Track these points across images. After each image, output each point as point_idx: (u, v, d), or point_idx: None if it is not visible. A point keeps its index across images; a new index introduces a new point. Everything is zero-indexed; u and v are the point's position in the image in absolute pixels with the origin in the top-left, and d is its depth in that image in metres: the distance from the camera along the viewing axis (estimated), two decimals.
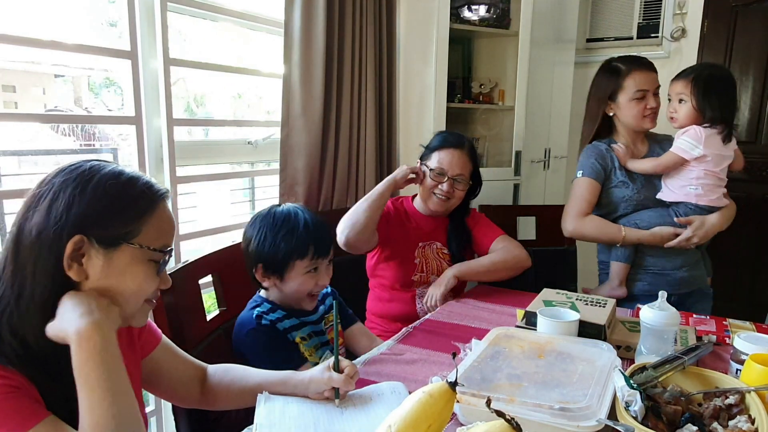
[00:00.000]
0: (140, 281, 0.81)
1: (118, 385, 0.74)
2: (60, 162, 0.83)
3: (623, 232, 1.74)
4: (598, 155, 1.80)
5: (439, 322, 1.48)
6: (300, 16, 1.90)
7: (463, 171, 1.75)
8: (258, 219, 1.33)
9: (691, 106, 1.69)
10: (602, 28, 3.18)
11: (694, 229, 1.70)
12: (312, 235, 1.30)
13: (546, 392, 0.92)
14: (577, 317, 1.21)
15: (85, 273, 0.77)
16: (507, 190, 2.64)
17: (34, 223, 0.75)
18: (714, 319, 1.45)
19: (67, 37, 1.46)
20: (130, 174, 0.82)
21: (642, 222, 1.76)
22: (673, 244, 1.71)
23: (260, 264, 1.29)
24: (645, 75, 1.75)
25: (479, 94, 2.69)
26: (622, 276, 1.80)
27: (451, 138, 1.80)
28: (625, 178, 1.78)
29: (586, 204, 1.79)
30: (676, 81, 1.74)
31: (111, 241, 0.78)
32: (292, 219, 1.30)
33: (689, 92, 1.69)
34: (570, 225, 1.82)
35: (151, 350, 1.00)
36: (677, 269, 1.79)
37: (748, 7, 2.83)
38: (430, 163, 1.76)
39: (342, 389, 0.99)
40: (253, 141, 2.08)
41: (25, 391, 0.71)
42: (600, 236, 1.80)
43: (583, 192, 1.80)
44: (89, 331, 0.73)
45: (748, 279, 3.01)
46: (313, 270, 1.31)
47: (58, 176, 0.77)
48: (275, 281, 1.30)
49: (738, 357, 1.05)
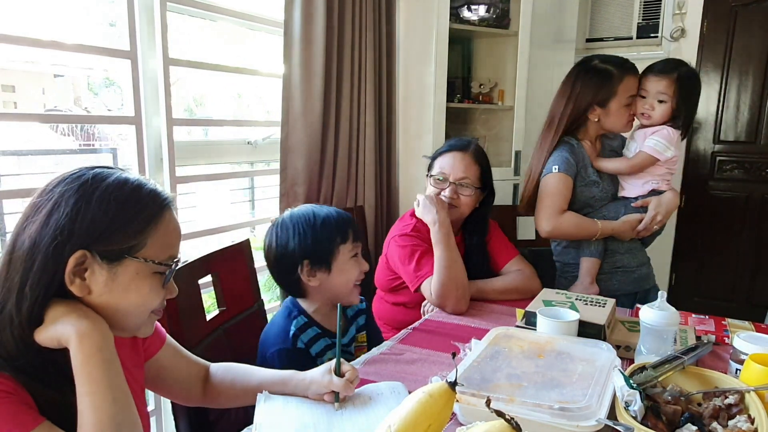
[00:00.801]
0: (145, 295, 0.80)
1: (118, 385, 0.74)
2: (60, 162, 0.82)
3: (599, 224, 1.73)
4: (571, 151, 1.75)
5: (439, 322, 1.48)
6: (300, 16, 1.90)
7: (467, 174, 1.65)
8: (284, 222, 1.31)
9: (670, 108, 1.67)
10: (602, 28, 3.18)
11: (655, 207, 1.71)
12: (345, 220, 1.31)
13: (545, 392, 0.92)
14: (576, 317, 1.21)
15: (88, 288, 0.75)
16: (507, 190, 2.64)
17: (28, 234, 0.73)
18: (713, 318, 1.45)
19: (66, 37, 1.46)
20: (134, 182, 0.79)
21: (609, 214, 1.76)
22: (642, 226, 1.72)
23: (306, 260, 1.27)
24: (635, 80, 1.72)
25: (479, 94, 2.69)
26: (594, 273, 1.77)
27: (455, 142, 1.72)
28: (596, 177, 1.76)
29: (563, 200, 1.74)
30: (656, 78, 1.68)
31: (115, 256, 0.75)
32: (318, 211, 1.31)
33: (671, 93, 1.66)
34: (547, 224, 1.74)
35: (155, 352, 0.99)
36: (641, 266, 1.81)
37: (747, 7, 2.83)
38: (432, 171, 1.70)
39: (342, 394, 0.99)
40: (252, 141, 2.08)
41: (18, 397, 0.70)
42: (578, 232, 1.76)
43: (560, 188, 1.73)
44: (90, 330, 0.72)
45: (748, 279, 3.01)
46: (355, 256, 1.31)
47: (59, 186, 0.75)
48: (323, 276, 1.28)
49: (738, 357, 1.05)
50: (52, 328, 0.73)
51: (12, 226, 0.78)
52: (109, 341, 0.75)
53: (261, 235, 2.89)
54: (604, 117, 1.75)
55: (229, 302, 1.40)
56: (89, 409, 0.71)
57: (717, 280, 3.08)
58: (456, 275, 1.54)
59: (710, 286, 3.09)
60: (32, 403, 0.72)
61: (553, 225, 1.74)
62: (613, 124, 1.76)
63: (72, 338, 0.72)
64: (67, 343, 0.72)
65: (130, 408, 0.75)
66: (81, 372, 0.72)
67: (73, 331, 0.72)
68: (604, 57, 1.77)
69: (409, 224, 1.69)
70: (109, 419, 0.71)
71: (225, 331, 1.35)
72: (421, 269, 1.58)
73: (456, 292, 1.52)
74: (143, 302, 0.80)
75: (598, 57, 1.78)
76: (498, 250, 1.76)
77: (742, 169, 2.97)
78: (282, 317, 1.31)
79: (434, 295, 1.53)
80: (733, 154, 2.99)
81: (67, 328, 0.72)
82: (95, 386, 0.71)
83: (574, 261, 1.83)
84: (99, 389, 0.71)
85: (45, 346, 0.73)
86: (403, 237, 1.66)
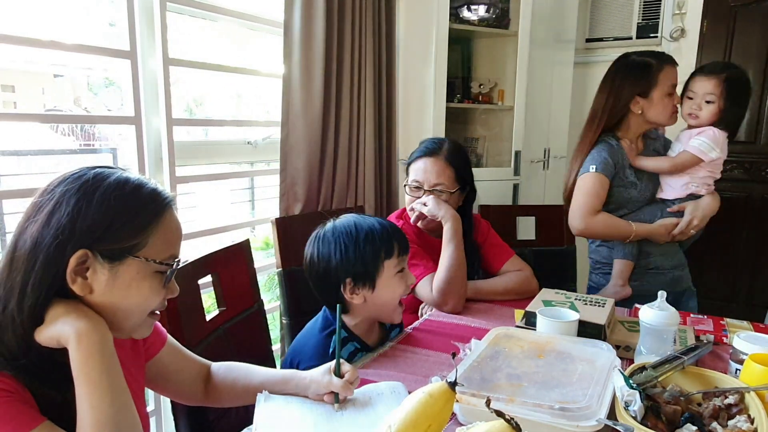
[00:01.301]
0: (146, 294, 0.80)
1: (117, 385, 0.74)
2: (59, 162, 0.83)
3: (634, 227, 1.72)
4: (611, 151, 1.74)
5: (439, 322, 1.48)
6: (300, 16, 1.90)
7: (440, 179, 1.62)
8: (325, 236, 1.24)
9: (717, 108, 1.65)
10: (602, 28, 3.19)
11: (691, 211, 1.70)
12: (391, 233, 1.24)
13: (546, 392, 0.92)
14: (576, 317, 1.21)
15: (90, 287, 0.76)
16: (506, 190, 2.64)
17: (30, 234, 0.73)
18: (711, 318, 1.45)
19: (66, 37, 1.46)
20: (135, 182, 0.79)
21: (645, 217, 1.75)
22: (677, 230, 1.70)
23: (348, 278, 1.20)
24: (674, 70, 1.71)
25: (479, 94, 2.69)
26: (626, 275, 1.77)
27: (427, 145, 1.68)
28: (634, 178, 1.75)
29: (598, 201, 1.73)
30: (704, 79, 1.67)
31: (116, 255, 0.76)
32: (362, 223, 1.23)
33: (719, 94, 1.64)
34: (580, 223, 1.74)
35: (156, 352, 0.99)
36: (675, 268, 1.80)
37: (747, 7, 2.83)
38: (407, 179, 1.68)
39: (341, 394, 0.98)
40: (252, 141, 2.08)
41: (19, 396, 0.71)
42: (611, 233, 1.76)
43: (596, 188, 1.73)
44: (89, 330, 0.73)
45: (748, 279, 3.01)
46: (401, 271, 1.25)
47: (60, 185, 0.75)
48: (366, 294, 1.22)
49: (737, 357, 1.05)
50: (52, 327, 0.73)
51: (12, 226, 0.78)
52: (108, 341, 0.75)
53: (261, 235, 2.90)
54: (647, 108, 1.72)
55: (228, 302, 1.40)
56: (88, 409, 0.71)
57: (717, 280, 3.08)
58: (462, 275, 1.54)
59: (710, 286, 3.09)
60: (33, 403, 0.72)
61: (585, 224, 1.74)
62: (658, 116, 1.73)
63: (71, 338, 0.72)
64: (66, 342, 0.72)
65: (129, 408, 0.75)
66: (80, 372, 0.72)
67: (72, 330, 0.72)
68: (640, 52, 1.79)
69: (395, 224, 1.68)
70: (108, 419, 0.71)
71: (225, 332, 1.35)
72: (416, 269, 1.56)
73: (459, 291, 1.53)
74: (144, 302, 0.81)
75: (634, 53, 1.79)
76: (494, 252, 1.76)
77: (742, 169, 2.97)
78: (320, 330, 1.25)
79: (436, 292, 1.52)
80: (732, 154, 2.95)
81: (66, 328, 0.72)
82: (94, 386, 0.72)
83: (605, 260, 1.84)
84: (98, 389, 0.72)
85: (46, 346, 0.73)
86: None
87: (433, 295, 1.53)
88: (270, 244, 2.34)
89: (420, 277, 1.56)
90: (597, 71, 3.23)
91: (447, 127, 2.44)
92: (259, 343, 1.51)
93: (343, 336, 1.25)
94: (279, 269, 1.73)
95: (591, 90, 2.68)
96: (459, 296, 1.53)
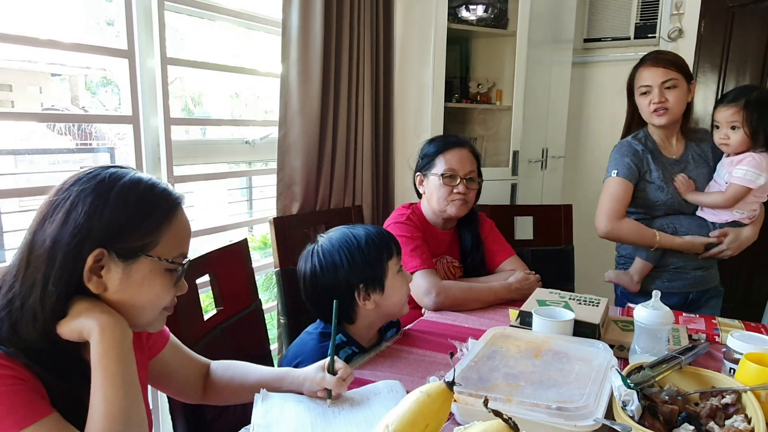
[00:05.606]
0: (157, 292, 0.82)
1: (131, 380, 0.76)
2: (57, 161, 0.83)
3: (658, 237, 1.74)
4: (634, 155, 1.77)
5: (436, 322, 1.48)
6: (298, 16, 1.90)
7: (474, 167, 1.73)
8: (324, 250, 1.27)
9: (744, 133, 1.67)
10: (600, 28, 3.19)
11: (729, 242, 1.72)
12: (386, 235, 1.30)
13: (543, 392, 0.92)
14: (572, 316, 1.21)
15: (104, 285, 0.78)
16: (504, 189, 2.64)
17: (49, 233, 0.75)
18: (703, 317, 1.46)
19: (64, 36, 1.46)
20: (147, 182, 0.81)
21: (681, 227, 1.76)
22: (706, 256, 1.74)
23: (361, 285, 1.24)
24: (648, 70, 1.74)
25: (477, 93, 2.69)
26: (643, 274, 1.81)
27: (453, 138, 1.77)
28: (662, 182, 1.77)
29: (621, 206, 1.77)
30: (723, 108, 1.71)
31: (130, 254, 0.78)
32: (356, 232, 1.28)
33: (742, 119, 1.66)
34: (605, 227, 1.78)
35: (160, 350, 1.01)
36: (696, 269, 1.81)
37: (745, 8, 2.83)
38: (436, 169, 1.72)
39: (334, 391, 0.99)
40: (250, 140, 2.08)
41: (31, 385, 0.72)
42: (635, 240, 1.79)
43: (618, 193, 1.77)
44: (112, 325, 0.75)
45: (746, 279, 3.01)
46: (400, 270, 1.31)
47: (75, 185, 0.77)
48: (377, 297, 1.26)
49: (731, 356, 1.05)
50: (76, 321, 0.75)
51: (9, 225, 0.78)
52: (128, 338, 0.78)
53: (259, 234, 2.90)
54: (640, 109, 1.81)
55: (226, 302, 1.40)
56: (101, 400, 0.73)
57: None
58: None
59: None
60: (45, 394, 0.74)
61: (610, 228, 1.78)
62: (644, 116, 1.80)
63: (94, 331, 0.74)
64: (89, 335, 0.75)
65: (140, 404, 0.77)
66: (98, 364, 0.74)
67: (95, 324, 0.75)
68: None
69: (404, 214, 1.73)
70: (119, 411, 0.73)
71: (222, 331, 1.35)
72: (413, 260, 1.59)
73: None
74: (155, 299, 0.83)
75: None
76: (495, 249, 1.79)
77: None
78: (315, 341, 1.25)
79: None
80: None
81: (90, 322, 0.75)
82: (110, 379, 0.74)
83: (628, 254, 1.88)
84: (113, 382, 0.74)
85: (64, 339, 0.76)
86: (397, 225, 1.68)
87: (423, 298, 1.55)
88: (268, 243, 2.34)
89: (415, 269, 1.58)
90: (595, 71, 3.24)
91: (445, 127, 2.44)
92: (257, 343, 1.51)
93: (341, 341, 1.26)
94: (277, 269, 1.73)
95: (589, 90, 2.72)
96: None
